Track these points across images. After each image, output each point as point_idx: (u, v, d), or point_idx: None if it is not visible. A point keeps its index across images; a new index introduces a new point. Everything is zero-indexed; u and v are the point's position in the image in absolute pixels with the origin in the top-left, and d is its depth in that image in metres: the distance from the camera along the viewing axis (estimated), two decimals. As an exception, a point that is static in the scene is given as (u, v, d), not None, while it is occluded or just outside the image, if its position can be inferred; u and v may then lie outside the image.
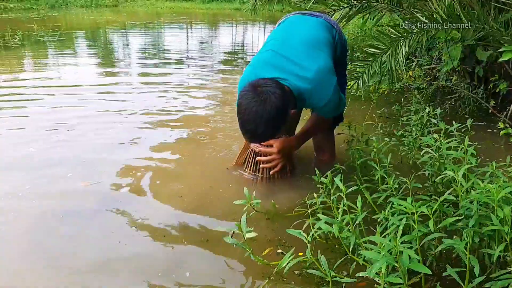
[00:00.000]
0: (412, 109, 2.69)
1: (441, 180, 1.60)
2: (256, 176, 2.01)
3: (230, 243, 1.26)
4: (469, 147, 1.55)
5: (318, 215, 1.22)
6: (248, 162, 2.04)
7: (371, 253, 0.95)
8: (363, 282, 1.29)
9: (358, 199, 1.27)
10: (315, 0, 3.00)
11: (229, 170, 2.12)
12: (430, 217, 1.14)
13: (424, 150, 1.78)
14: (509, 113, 2.78)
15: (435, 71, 3.78)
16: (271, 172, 1.95)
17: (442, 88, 3.54)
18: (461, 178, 1.31)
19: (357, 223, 1.22)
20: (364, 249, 1.10)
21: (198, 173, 2.10)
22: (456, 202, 1.32)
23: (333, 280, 1.11)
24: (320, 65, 1.73)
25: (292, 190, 1.92)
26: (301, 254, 1.40)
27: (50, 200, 1.84)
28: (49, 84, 4.02)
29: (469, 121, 2.06)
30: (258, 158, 1.95)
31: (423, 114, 2.32)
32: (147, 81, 4.30)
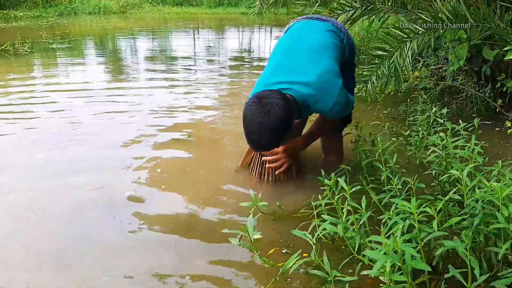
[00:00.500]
0: (419, 109, 2.68)
1: (447, 179, 1.59)
2: (262, 178, 2.02)
3: (237, 245, 1.27)
4: (476, 146, 1.54)
5: (323, 216, 1.23)
6: (253, 165, 2.05)
7: (374, 252, 0.96)
8: (370, 281, 1.29)
9: (362, 199, 1.27)
10: (319, 4, 3.01)
11: (236, 172, 2.14)
12: (435, 216, 1.14)
13: (431, 150, 1.78)
14: (517, 111, 2.76)
15: (442, 71, 3.76)
16: (277, 172, 1.96)
17: (449, 87, 3.52)
18: (466, 177, 1.30)
19: (362, 223, 1.23)
20: (369, 249, 1.11)
21: (205, 175, 2.11)
22: (461, 201, 1.32)
23: (337, 279, 1.12)
24: (322, 69, 1.74)
25: (298, 191, 1.92)
26: (306, 254, 1.41)
27: (58, 200, 1.88)
28: (58, 88, 4.09)
29: (476, 120, 2.05)
30: (264, 158, 1.96)
31: (429, 114, 2.32)
32: (155, 85, 4.35)
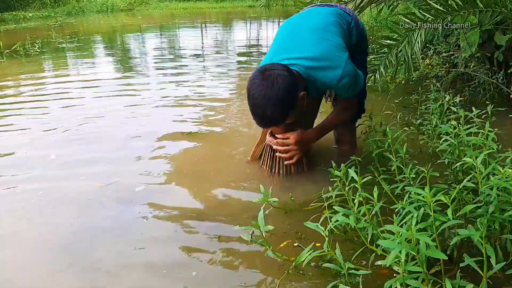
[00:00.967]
0: (431, 97, 2.64)
1: (461, 167, 1.57)
2: (273, 171, 2.01)
3: (249, 240, 1.27)
4: (490, 133, 1.51)
5: (335, 208, 1.22)
6: (264, 158, 2.04)
7: (388, 242, 0.95)
8: (385, 270, 1.28)
9: (374, 189, 1.26)
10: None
11: (247, 163, 2.14)
12: (449, 205, 1.13)
13: (443, 138, 1.75)
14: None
15: (453, 58, 3.70)
16: (286, 162, 1.93)
17: (461, 75, 3.46)
18: (480, 165, 1.28)
19: (374, 213, 1.21)
20: (382, 239, 1.09)
21: (215, 169, 2.12)
22: (476, 189, 1.30)
23: (350, 272, 1.11)
24: (327, 43, 1.71)
25: (309, 183, 1.91)
26: (318, 244, 1.40)
27: (69, 196, 1.91)
28: (69, 86, 4.14)
29: (490, 107, 2.01)
30: (275, 147, 1.92)
31: (442, 102, 2.28)
32: (164, 80, 4.37)
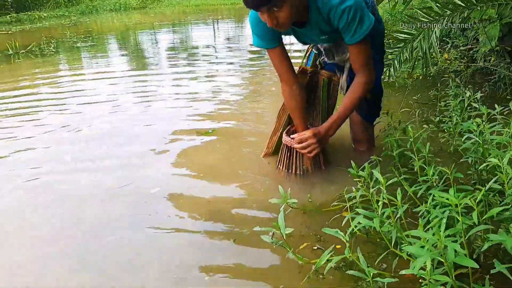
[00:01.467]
0: (451, 93, 2.58)
1: (485, 167, 1.53)
2: (290, 171, 1.99)
3: (269, 242, 1.25)
4: (515, 131, 1.47)
5: (358, 210, 1.19)
6: (280, 158, 2.02)
7: (415, 248, 0.92)
8: (409, 274, 1.25)
9: (398, 191, 1.23)
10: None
11: (264, 162, 2.13)
12: (475, 208, 1.09)
13: (465, 136, 1.71)
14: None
15: (472, 52, 3.61)
16: (307, 154, 1.84)
17: (481, 69, 3.38)
18: (506, 165, 1.24)
19: (398, 216, 1.19)
20: (406, 243, 1.07)
21: (230, 169, 2.10)
22: (502, 191, 1.26)
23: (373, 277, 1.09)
24: None
25: (327, 183, 1.89)
26: (339, 246, 1.38)
27: (82, 199, 1.92)
28: (84, 83, 4.19)
29: (512, 104, 1.96)
30: (294, 145, 1.86)
31: (463, 99, 2.22)
32: (177, 77, 4.40)
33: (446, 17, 2.41)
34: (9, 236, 1.67)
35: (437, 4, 2.46)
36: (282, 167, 2.02)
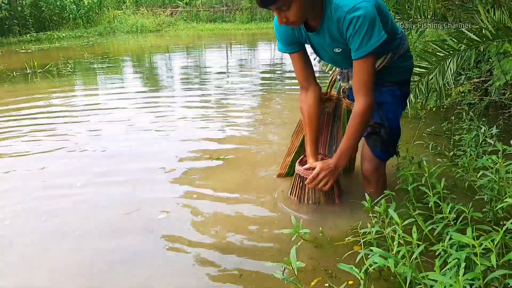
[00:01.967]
0: (465, 126, 2.57)
1: (501, 206, 1.50)
2: (302, 201, 1.98)
3: (281, 279, 1.23)
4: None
5: (373, 249, 1.17)
6: (293, 187, 2.01)
7: (433, 292, 0.90)
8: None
9: (413, 229, 1.21)
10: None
11: (275, 188, 2.12)
12: (493, 250, 1.07)
13: (481, 173, 1.69)
14: None
15: (486, 85, 3.60)
16: (321, 188, 1.82)
17: (495, 102, 3.36)
18: (525, 206, 1.22)
19: (413, 257, 1.16)
20: (422, 285, 1.04)
21: (241, 198, 2.09)
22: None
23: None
24: None
25: (339, 217, 1.86)
26: (351, 282, 1.36)
27: (90, 224, 1.92)
28: (98, 105, 4.24)
29: (528, 140, 1.93)
30: (308, 183, 1.85)
31: (477, 133, 2.21)
32: (190, 99, 4.46)
33: (462, 52, 2.42)
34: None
35: (452, 39, 2.48)
36: (295, 196, 2.00)
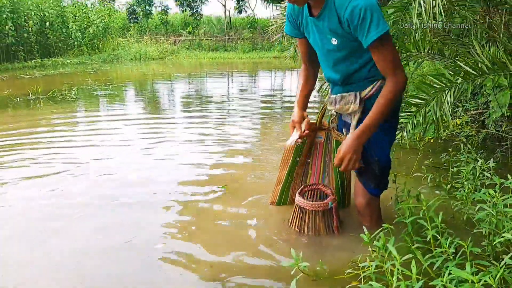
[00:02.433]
0: (462, 159, 2.60)
1: (499, 237, 1.51)
2: (301, 232, 1.98)
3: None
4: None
5: (372, 284, 1.18)
6: (293, 218, 2.02)
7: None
8: None
9: (412, 263, 1.22)
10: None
11: (274, 219, 2.12)
12: (493, 285, 1.08)
13: (478, 206, 1.71)
14: None
15: (483, 117, 3.66)
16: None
17: (492, 134, 3.41)
18: (522, 242, 1.23)
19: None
20: (421, 321, 1.05)
21: (239, 230, 2.08)
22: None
23: None
24: None
25: (339, 250, 1.86)
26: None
27: (84, 255, 1.90)
28: (99, 130, 4.29)
29: (525, 174, 1.96)
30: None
31: (474, 166, 2.24)
32: (190, 126, 4.53)
33: (458, 84, 2.47)
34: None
35: (449, 72, 2.54)
36: (294, 227, 2.01)
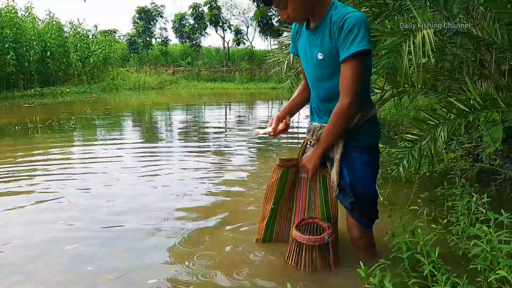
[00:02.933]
0: (457, 193, 2.63)
1: (494, 274, 1.52)
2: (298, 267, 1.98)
3: None
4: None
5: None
6: (290, 253, 2.03)
7: None
8: None
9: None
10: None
11: (271, 253, 2.11)
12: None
13: (473, 242, 1.72)
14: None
15: (477, 150, 3.72)
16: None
17: (486, 168, 3.45)
18: (516, 279, 1.25)
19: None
20: None
21: (237, 265, 2.07)
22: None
23: None
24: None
25: (335, 284, 1.86)
26: None
27: None
28: (96, 160, 4.31)
29: (519, 209, 1.99)
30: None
31: (469, 200, 2.27)
32: (186, 159, 4.52)
33: (451, 121, 2.53)
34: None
35: (442, 109, 2.60)
36: (291, 261, 2.01)
